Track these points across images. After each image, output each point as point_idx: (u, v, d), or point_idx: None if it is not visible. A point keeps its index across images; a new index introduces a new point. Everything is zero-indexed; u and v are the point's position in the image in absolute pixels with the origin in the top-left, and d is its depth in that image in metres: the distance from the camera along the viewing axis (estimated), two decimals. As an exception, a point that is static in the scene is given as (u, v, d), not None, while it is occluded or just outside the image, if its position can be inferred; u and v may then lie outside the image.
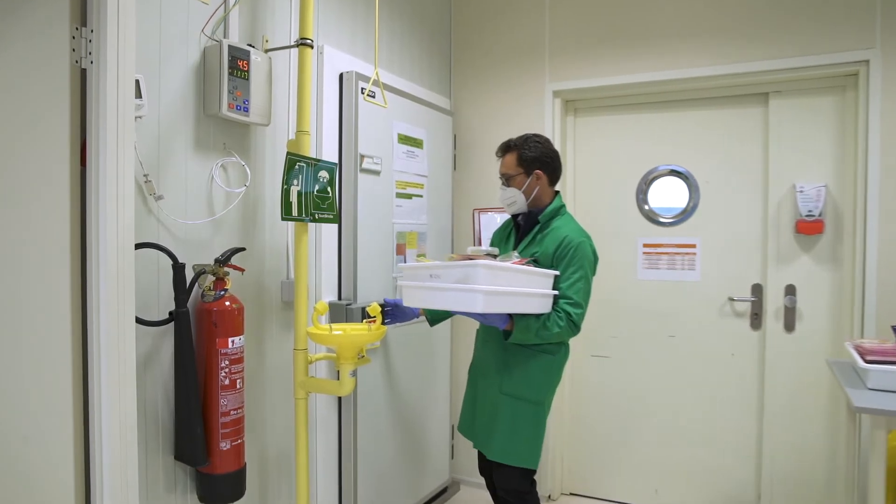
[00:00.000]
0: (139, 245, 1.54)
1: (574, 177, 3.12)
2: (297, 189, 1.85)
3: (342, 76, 2.34)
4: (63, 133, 1.37)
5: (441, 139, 2.95)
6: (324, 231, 2.27)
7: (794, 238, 2.70)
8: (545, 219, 2.10)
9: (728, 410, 2.84)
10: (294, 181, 1.83)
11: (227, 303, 1.73)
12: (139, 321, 1.54)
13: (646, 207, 2.99)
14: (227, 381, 1.71)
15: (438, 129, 2.92)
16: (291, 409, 2.07)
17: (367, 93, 2.35)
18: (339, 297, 2.36)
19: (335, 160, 2.31)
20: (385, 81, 2.47)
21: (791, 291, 2.71)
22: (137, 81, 1.54)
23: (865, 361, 1.92)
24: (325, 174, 1.96)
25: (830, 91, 2.65)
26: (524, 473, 2.05)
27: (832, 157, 2.65)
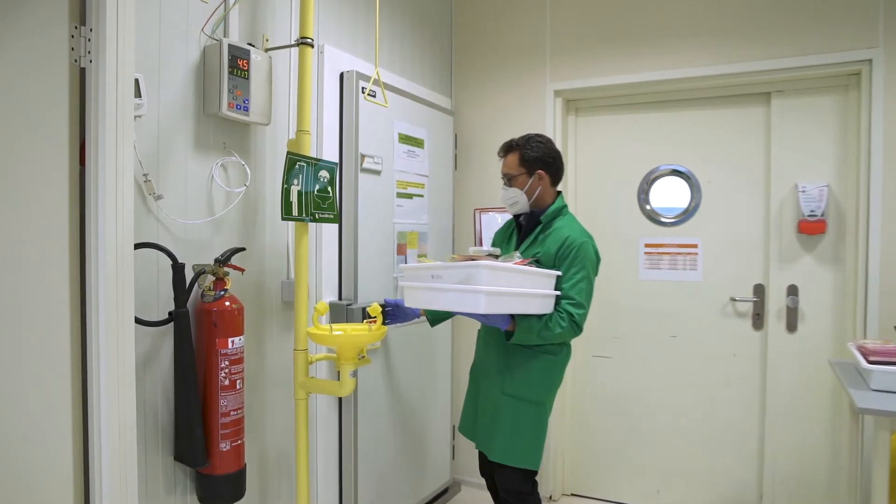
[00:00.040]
0: (138, 245, 1.53)
1: (575, 177, 3.11)
2: (298, 189, 1.84)
3: (343, 75, 2.33)
4: (62, 132, 1.37)
5: (442, 139, 2.95)
6: (324, 231, 2.27)
7: (797, 238, 2.69)
8: (547, 219, 2.09)
9: (730, 411, 2.83)
10: (294, 181, 1.83)
11: (227, 303, 1.73)
12: (138, 321, 1.54)
13: (647, 207, 2.98)
14: (227, 382, 1.71)
15: (439, 129, 2.91)
16: (291, 410, 2.07)
17: (368, 92, 2.35)
18: (340, 298, 2.36)
19: (336, 160, 2.31)
20: (386, 81, 2.47)
21: (793, 291, 2.70)
22: (137, 81, 1.54)
23: (868, 362, 1.92)
24: (326, 174, 1.95)
25: (833, 91, 2.64)
26: (526, 474, 2.04)
27: (834, 157, 2.64)
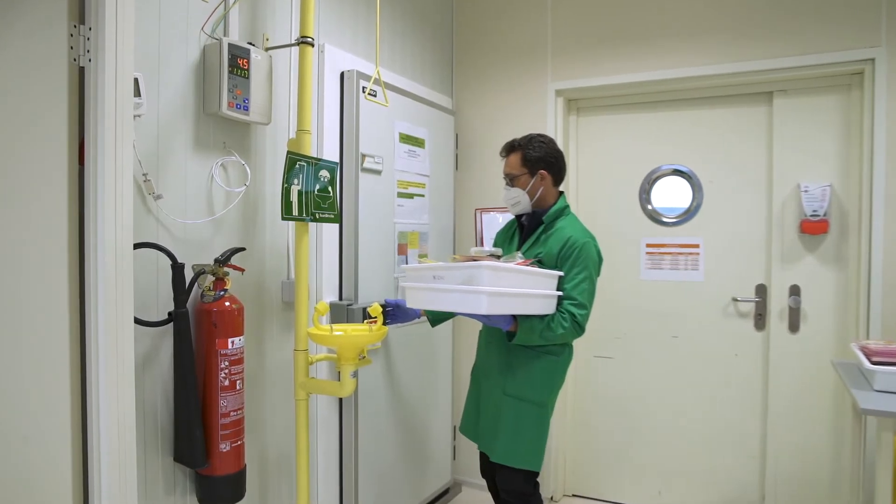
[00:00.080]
0: (138, 245, 1.53)
1: (577, 176, 3.10)
2: (298, 188, 1.84)
3: (343, 75, 2.33)
4: (61, 132, 1.36)
5: (443, 138, 2.94)
6: (325, 231, 2.26)
7: (799, 238, 2.68)
8: (549, 219, 2.08)
9: (731, 411, 2.82)
10: (294, 180, 1.82)
11: (227, 303, 1.72)
12: (138, 321, 1.53)
13: (649, 207, 2.97)
14: (227, 382, 1.70)
15: (440, 129, 2.91)
16: (292, 410, 2.06)
17: (369, 91, 2.34)
18: (340, 298, 2.35)
19: (336, 159, 2.30)
20: (386, 80, 2.46)
21: (795, 292, 2.69)
22: (136, 80, 1.53)
23: (871, 363, 1.91)
24: (326, 173, 1.95)
25: (835, 90, 2.63)
26: (527, 475, 2.03)
27: (837, 157, 2.63)
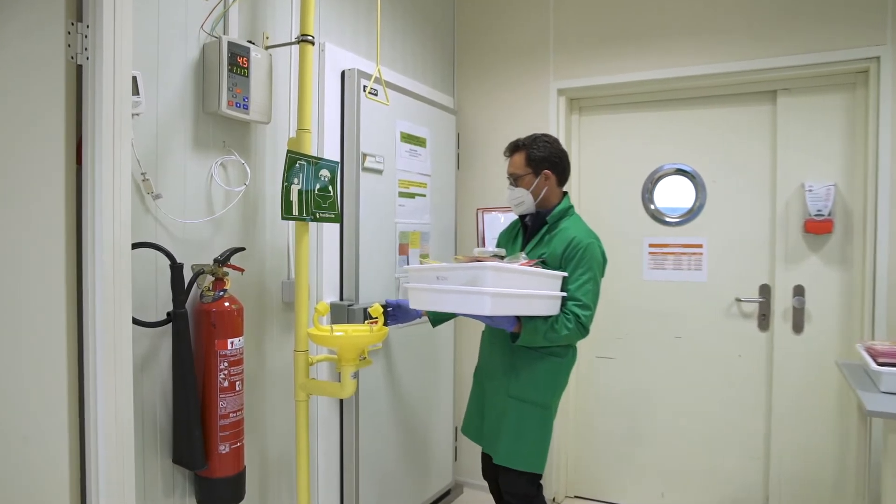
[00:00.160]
0: (136, 245, 1.51)
1: (579, 176, 3.08)
2: (298, 188, 1.82)
3: (344, 73, 2.31)
4: (58, 130, 1.34)
5: (444, 138, 2.92)
6: (325, 231, 2.25)
7: (803, 238, 2.66)
8: (553, 219, 2.07)
9: (735, 412, 2.80)
10: (294, 180, 1.81)
11: (227, 303, 1.71)
12: (136, 322, 1.52)
13: (652, 207, 2.95)
14: (227, 383, 1.69)
15: (441, 128, 2.89)
16: (292, 412, 2.04)
17: (370, 90, 2.32)
18: (341, 298, 2.33)
19: (337, 159, 2.28)
20: (387, 79, 2.44)
21: (799, 292, 2.67)
22: (135, 78, 1.52)
23: (878, 364, 1.89)
24: (327, 173, 1.93)
25: (840, 88, 2.61)
26: (530, 478, 2.01)
27: (841, 156, 2.61)
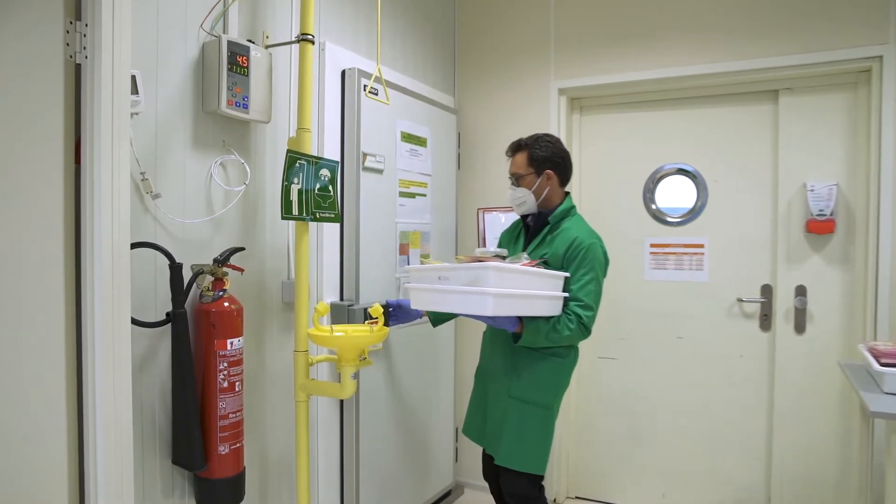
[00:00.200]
0: (135, 244, 1.51)
1: (580, 176, 3.07)
2: (298, 187, 1.81)
3: (344, 73, 2.31)
4: (57, 130, 1.34)
5: (445, 137, 2.92)
6: (325, 230, 2.24)
7: (805, 238, 2.65)
8: (555, 220, 2.06)
9: (737, 413, 2.79)
10: (295, 179, 1.80)
11: (226, 303, 1.70)
12: (135, 322, 1.51)
13: (653, 207, 2.94)
14: (226, 384, 1.68)
15: (442, 128, 2.88)
16: (292, 412, 2.04)
17: (370, 90, 2.32)
18: (341, 298, 2.33)
19: (337, 158, 2.28)
20: (388, 79, 2.44)
21: (801, 292, 2.66)
22: (134, 77, 1.51)
23: (881, 364, 1.88)
24: (327, 172, 1.92)
25: (842, 88, 2.60)
26: (532, 479, 2.00)
27: (844, 156, 2.60)
